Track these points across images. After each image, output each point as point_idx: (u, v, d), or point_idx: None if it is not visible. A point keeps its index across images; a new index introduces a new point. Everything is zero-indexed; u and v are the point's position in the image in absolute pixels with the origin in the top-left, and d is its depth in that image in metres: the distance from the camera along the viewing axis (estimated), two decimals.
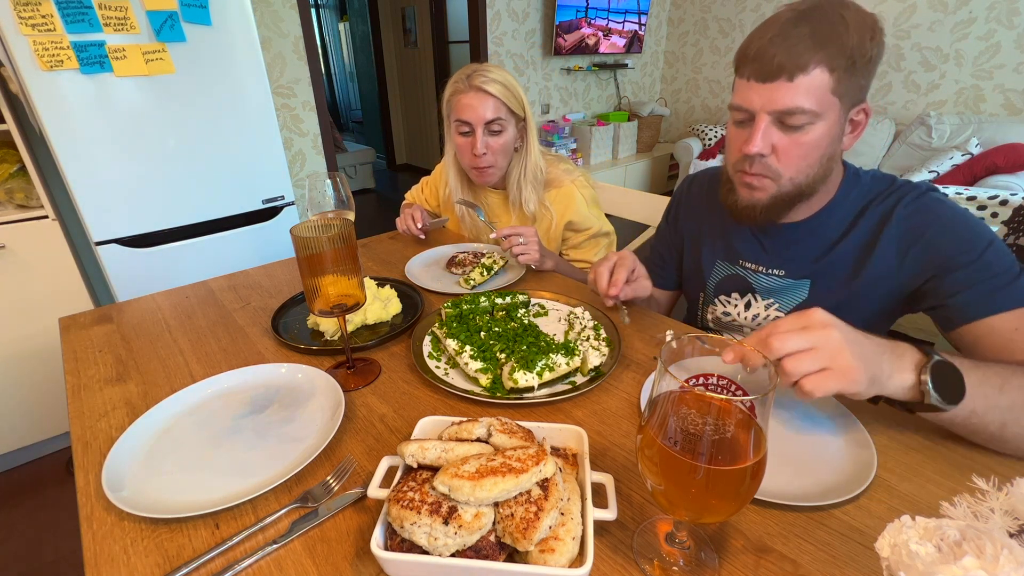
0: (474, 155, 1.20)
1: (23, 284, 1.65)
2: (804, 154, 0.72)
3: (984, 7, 3.00)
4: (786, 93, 0.68)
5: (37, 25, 1.37)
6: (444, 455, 0.47)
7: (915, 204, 0.75)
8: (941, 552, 0.31)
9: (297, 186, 2.74)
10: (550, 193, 1.28)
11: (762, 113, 0.71)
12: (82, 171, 1.54)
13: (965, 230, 0.71)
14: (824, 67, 0.66)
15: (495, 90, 1.15)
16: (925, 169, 3.04)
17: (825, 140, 0.71)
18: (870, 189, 0.80)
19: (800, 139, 0.71)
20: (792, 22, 0.67)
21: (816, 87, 0.67)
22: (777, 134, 0.72)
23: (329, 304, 0.71)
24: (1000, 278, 0.67)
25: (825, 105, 0.68)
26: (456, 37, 4.81)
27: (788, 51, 0.66)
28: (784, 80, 0.67)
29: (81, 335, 0.90)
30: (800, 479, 0.55)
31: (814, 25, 0.66)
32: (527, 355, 0.74)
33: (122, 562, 0.49)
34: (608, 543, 0.49)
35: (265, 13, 2.50)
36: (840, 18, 0.66)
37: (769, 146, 0.72)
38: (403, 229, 1.34)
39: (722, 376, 0.48)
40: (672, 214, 1.07)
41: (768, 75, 0.68)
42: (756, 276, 0.90)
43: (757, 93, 0.70)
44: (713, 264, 0.96)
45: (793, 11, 0.68)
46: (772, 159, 0.73)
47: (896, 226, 0.76)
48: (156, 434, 0.64)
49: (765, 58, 0.68)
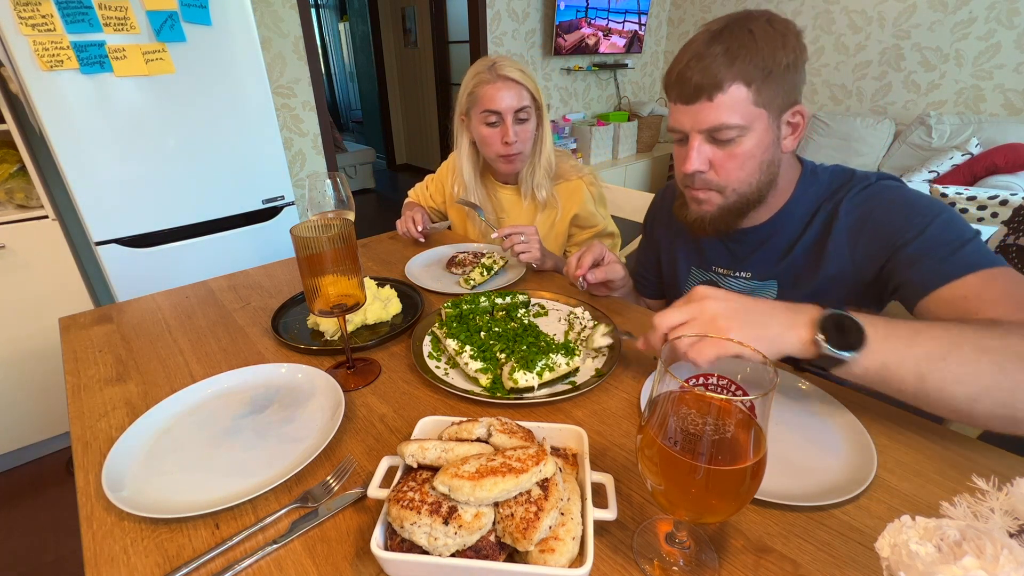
0: (505, 143, 1.22)
1: (23, 284, 1.65)
2: (740, 165, 0.74)
3: (984, 7, 3.00)
4: (709, 112, 0.71)
5: (37, 25, 1.37)
6: (444, 455, 0.47)
7: (862, 194, 0.77)
8: (941, 552, 0.30)
9: (297, 186, 2.74)
10: (558, 186, 1.29)
11: (693, 132, 0.74)
12: (82, 171, 1.54)
13: (909, 207, 0.72)
14: (739, 82, 0.69)
15: (520, 78, 1.18)
16: (925, 169, 3.04)
17: (759, 149, 0.73)
18: (828, 185, 0.81)
19: (734, 152, 0.73)
20: (706, 43, 0.70)
21: (736, 101, 0.70)
22: (711, 149, 0.74)
23: (329, 304, 0.71)
24: (946, 247, 0.67)
25: (750, 117, 0.71)
26: (456, 37, 4.81)
27: (703, 72, 0.69)
28: (705, 100, 0.71)
29: (81, 335, 0.90)
30: (800, 479, 0.55)
31: (726, 43, 0.69)
32: (527, 355, 0.74)
33: (122, 562, 0.49)
34: (608, 543, 0.49)
35: (265, 13, 2.49)
36: (748, 33, 0.68)
37: (705, 162, 0.75)
38: (403, 231, 1.34)
39: (722, 376, 0.48)
40: (648, 225, 1.11)
41: (690, 97, 0.72)
42: (726, 280, 0.92)
43: (685, 114, 0.74)
44: (688, 271, 0.99)
45: (707, 32, 0.71)
46: (711, 174, 0.76)
47: (844, 218, 0.77)
48: (156, 434, 0.64)
49: (684, 81, 0.71)
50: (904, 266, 0.70)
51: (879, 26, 3.41)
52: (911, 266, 0.69)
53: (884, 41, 3.42)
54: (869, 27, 3.46)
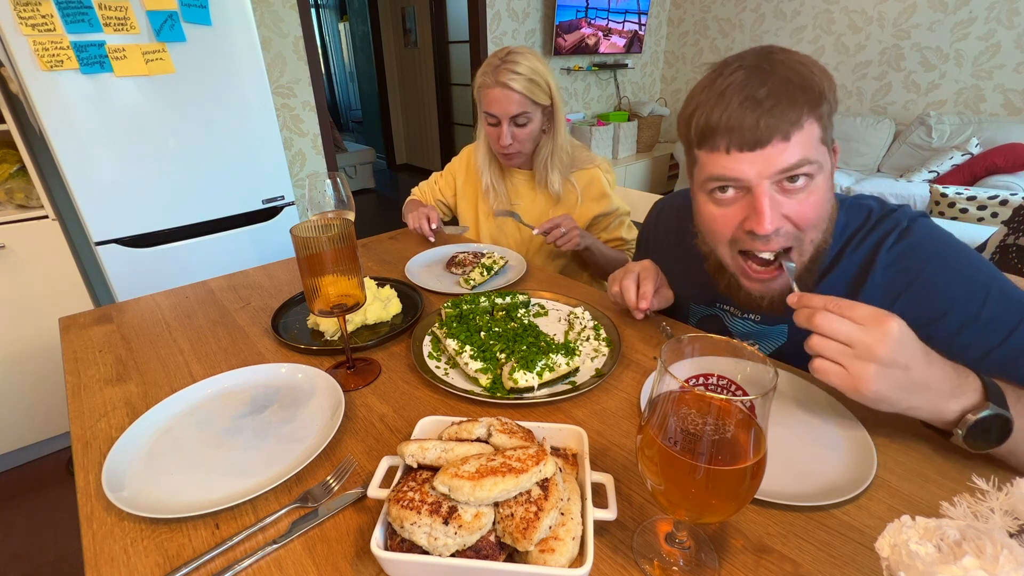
0: (500, 144, 1.26)
1: (23, 284, 1.65)
2: (816, 208, 0.64)
3: (984, 7, 3.00)
4: (784, 152, 0.60)
5: (37, 25, 1.37)
6: (444, 455, 0.47)
7: (898, 248, 0.69)
8: (941, 552, 0.30)
9: (297, 186, 2.74)
10: (575, 174, 1.33)
11: (761, 182, 0.62)
12: (82, 171, 1.54)
13: (955, 279, 0.65)
14: (812, 117, 0.61)
15: (519, 86, 1.19)
16: (925, 169, 3.04)
17: (828, 191, 0.66)
18: (846, 226, 0.73)
19: (808, 197, 0.63)
20: (754, 82, 0.60)
21: (812, 137, 0.61)
22: (782, 200, 0.63)
23: (329, 304, 0.71)
24: (1015, 339, 0.62)
25: (821, 155, 0.63)
26: (456, 37, 4.81)
27: (772, 111, 0.59)
28: (779, 140, 0.60)
29: (81, 335, 0.90)
30: (800, 479, 0.55)
31: (781, 76, 0.60)
32: (527, 355, 0.74)
33: (122, 562, 0.49)
34: (608, 543, 0.49)
35: (265, 13, 2.49)
36: (800, 65, 0.61)
37: (780, 216, 0.63)
38: (414, 227, 1.31)
39: (722, 376, 0.48)
40: (643, 249, 1.06)
41: (758, 141, 0.60)
42: (732, 319, 0.85)
43: (749, 163, 0.61)
44: (688, 306, 0.93)
45: (744, 71, 0.61)
46: (788, 227, 0.65)
47: (880, 274, 0.70)
48: (156, 434, 0.64)
49: (747, 125, 0.60)
50: (960, 351, 0.63)
51: (879, 26, 3.41)
52: (978, 361, 0.62)
53: (884, 41, 3.42)
54: (869, 27, 3.46)
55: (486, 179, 1.37)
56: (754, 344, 0.84)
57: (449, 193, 1.51)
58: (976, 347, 0.64)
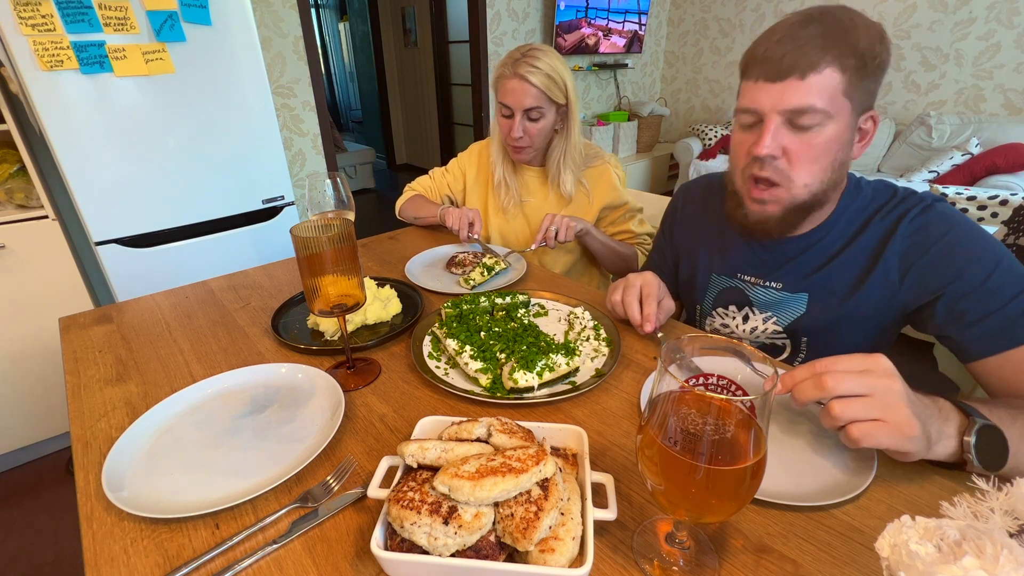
0: (511, 136, 1.27)
1: (23, 284, 1.65)
2: (815, 156, 0.69)
3: (984, 7, 3.00)
4: (797, 91, 0.66)
5: (37, 25, 1.37)
6: (444, 455, 0.47)
7: (920, 219, 0.73)
8: (941, 552, 0.31)
9: (297, 186, 2.75)
10: (585, 171, 1.33)
11: (772, 113, 0.68)
12: (82, 171, 1.54)
13: (970, 249, 0.69)
14: (835, 66, 0.65)
15: (537, 80, 1.19)
16: (925, 169, 3.04)
17: (836, 144, 0.69)
18: (872, 200, 0.78)
19: (811, 140, 0.68)
20: (800, 24, 0.66)
21: (827, 86, 0.65)
22: (787, 135, 0.69)
23: (329, 304, 0.71)
24: (1013, 306, 0.65)
25: (837, 106, 0.66)
26: (456, 37, 4.81)
27: (799, 49, 0.65)
28: (795, 78, 0.66)
29: (81, 335, 0.90)
30: (800, 479, 0.55)
31: (825, 26, 0.65)
32: (527, 355, 0.74)
33: (122, 562, 0.49)
34: (608, 543, 0.49)
35: (265, 13, 2.50)
36: (850, 20, 0.66)
37: (779, 148, 0.69)
38: (453, 225, 1.27)
39: (722, 376, 0.48)
40: (667, 226, 1.07)
41: (778, 74, 0.67)
42: (753, 289, 0.88)
43: (766, 93, 0.68)
44: (709, 276, 0.95)
45: (800, 15, 0.68)
46: (783, 162, 0.70)
47: (900, 242, 0.74)
48: (156, 434, 0.64)
49: (774, 58, 0.66)
50: (962, 318, 0.68)
51: None
52: (974, 323, 0.67)
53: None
54: None
55: (499, 173, 1.38)
56: (771, 317, 0.88)
57: (458, 188, 1.51)
58: (974, 312, 0.68)
